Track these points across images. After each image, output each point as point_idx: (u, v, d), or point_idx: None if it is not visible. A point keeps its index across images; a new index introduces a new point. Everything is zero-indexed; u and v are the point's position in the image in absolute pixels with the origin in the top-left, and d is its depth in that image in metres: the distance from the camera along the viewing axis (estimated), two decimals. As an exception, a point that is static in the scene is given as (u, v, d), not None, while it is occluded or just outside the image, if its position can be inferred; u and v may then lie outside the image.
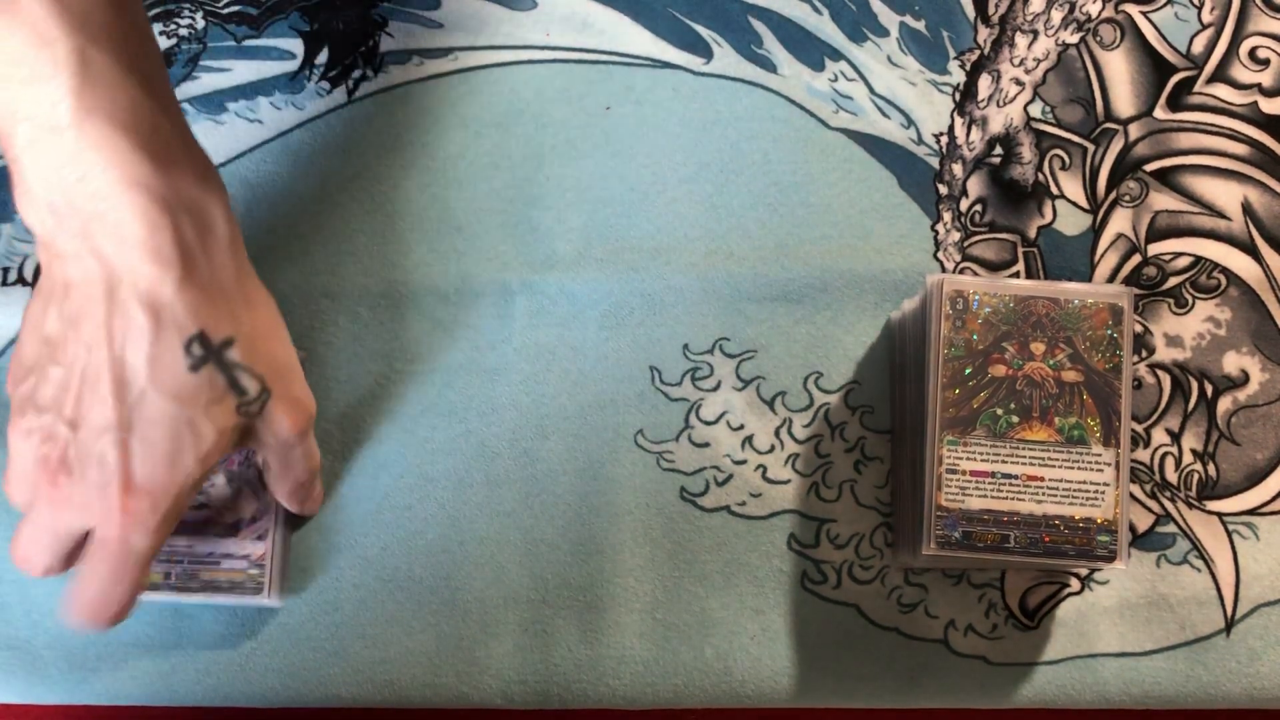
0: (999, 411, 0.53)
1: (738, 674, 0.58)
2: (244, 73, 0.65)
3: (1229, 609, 0.59)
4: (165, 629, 0.58)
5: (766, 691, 0.58)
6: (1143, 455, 0.60)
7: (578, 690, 0.58)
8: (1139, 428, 0.61)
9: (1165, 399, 0.61)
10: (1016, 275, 0.62)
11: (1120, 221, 0.63)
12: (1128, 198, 0.63)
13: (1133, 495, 0.60)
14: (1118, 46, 0.65)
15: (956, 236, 0.62)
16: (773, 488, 0.60)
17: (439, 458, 0.60)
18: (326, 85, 0.65)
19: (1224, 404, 0.61)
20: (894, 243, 0.62)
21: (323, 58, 0.65)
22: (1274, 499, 0.60)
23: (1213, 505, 0.60)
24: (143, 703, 0.58)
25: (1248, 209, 0.63)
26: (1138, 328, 0.61)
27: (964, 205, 0.63)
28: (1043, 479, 0.52)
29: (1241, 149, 0.63)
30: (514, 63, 0.64)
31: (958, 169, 0.63)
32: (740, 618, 0.59)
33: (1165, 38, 0.65)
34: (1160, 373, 0.61)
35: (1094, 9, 0.65)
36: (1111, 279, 0.62)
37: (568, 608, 0.58)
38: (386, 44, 0.65)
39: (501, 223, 0.63)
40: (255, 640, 0.58)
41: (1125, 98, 0.64)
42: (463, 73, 0.65)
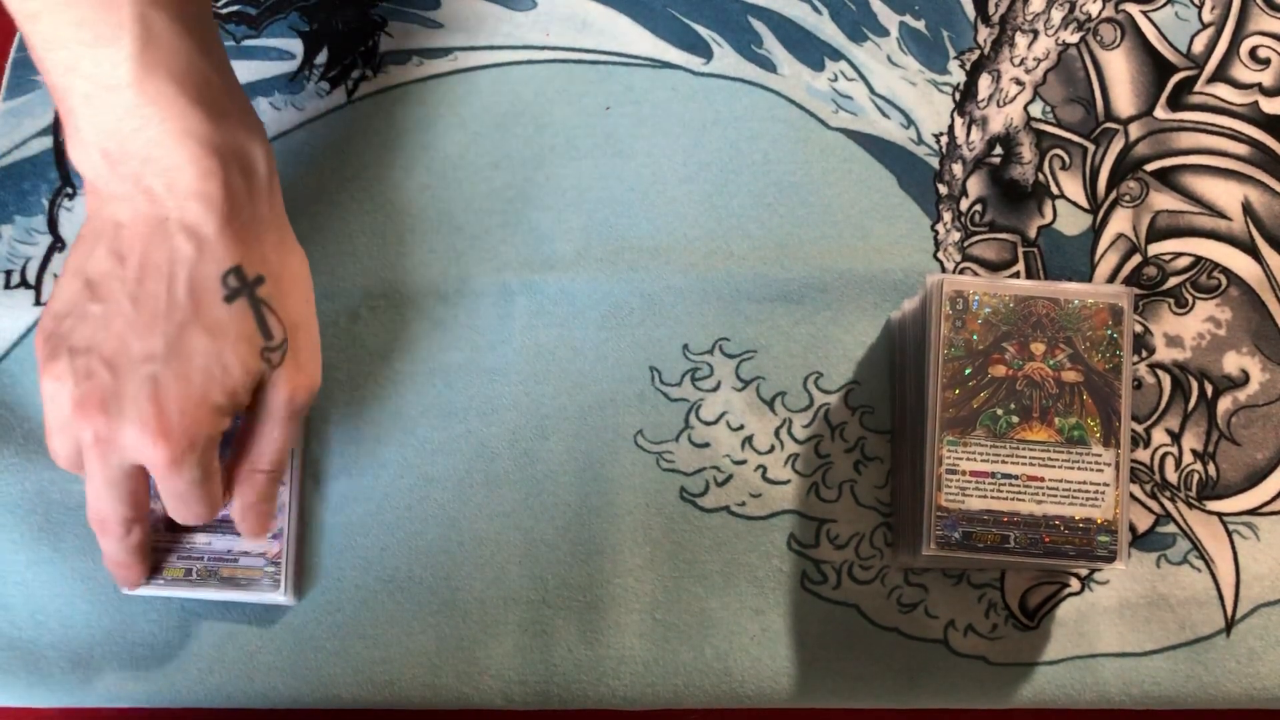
0: (999, 412, 0.53)
1: (738, 674, 0.58)
2: (243, 73, 0.64)
3: (1229, 609, 0.59)
4: (167, 630, 0.58)
5: (766, 692, 0.58)
6: (1143, 455, 0.60)
7: (578, 690, 0.58)
8: (1139, 428, 0.61)
9: (1165, 399, 0.61)
10: (1017, 275, 0.62)
11: (1120, 221, 0.63)
12: (1128, 198, 0.63)
13: (1133, 495, 0.60)
14: (1118, 46, 0.65)
15: (956, 236, 0.62)
16: (773, 488, 0.60)
17: (439, 458, 0.60)
18: (326, 85, 0.65)
19: (1224, 404, 0.61)
20: (894, 243, 0.62)
21: (322, 58, 0.65)
22: (1274, 499, 0.60)
23: (1213, 505, 0.60)
24: (145, 704, 0.58)
25: (1248, 209, 0.62)
26: (1138, 328, 0.61)
27: (964, 205, 0.63)
28: (1043, 479, 0.52)
29: (1242, 149, 0.63)
30: (514, 63, 0.64)
31: (958, 169, 0.63)
32: (740, 618, 0.59)
33: (1165, 37, 0.65)
34: (1160, 373, 0.61)
35: (1094, 8, 0.65)
36: (1112, 279, 0.62)
37: (568, 608, 0.59)
38: (386, 44, 0.65)
39: (501, 223, 0.63)
40: (257, 641, 0.58)
41: (1125, 97, 0.64)
42: (462, 73, 0.65)
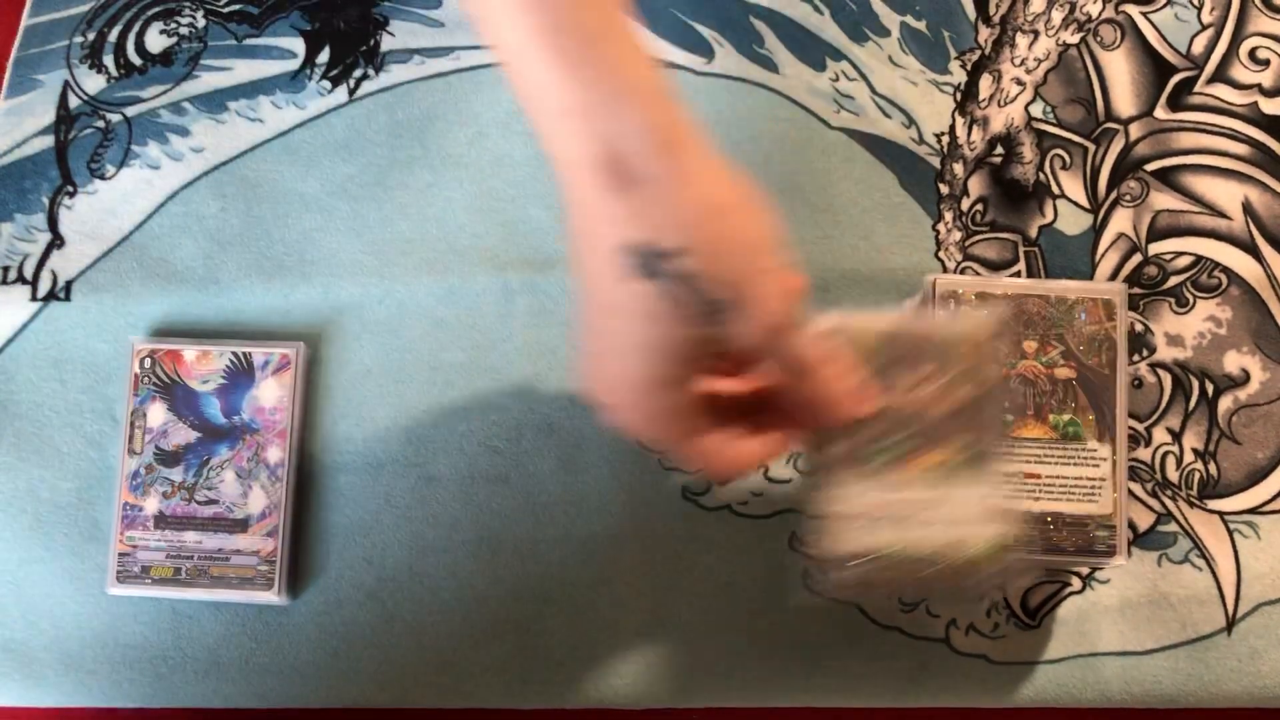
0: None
1: (739, 673, 0.58)
2: (245, 72, 0.64)
3: (1230, 608, 0.59)
4: (163, 630, 0.58)
5: (768, 690, 0.58)
6: (1144, 454, 0.60)
7: (579, 689, 0.58)
8: (1140, 427, 0.61)
9: (1166, 398, 0.61)
10: (1018, 274, 0.62)
11: (1121, 221, 0.63)
12: (1128, 197, 0.63)
13: (1134, 494, 0.60)
14: (1118, 47, 0.65)
15: (958, 236, 0.62)
16: (774, 487, 0.60)
17: (439, 457, 0.60)
18: (328, 84, 0.64)
19: (1225, 403, 0.61)
20: (895, 242, 0.62)
21: (324, 57, 0.65)
22: (1275, 498, 0.60)
23: (1214, 504, 0.60)
24: (141, 705, 0.58)
25: (1248, 208, 0.63)
26: (1138, 327, 0.61)
27: (965, 205, 0.63)
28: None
29: (1242, 149, 0.63)
30: (515, 62, 0.64)
31: (959, 168, 0.63)
32: (742, 617, 0.58)
33: (1165, 38, 0.65)
34: (1161, 372, 0.61)
35: (1094, 9, 0.65)
36: (1112, 278, 0.62)
37: (569, 607, 0.58)
38: (388, 43, 0.65)
39: (502, 222, 0.62)
40: (254, 641, 0.58)
41: (1126, 98, 0.64)
42: (464, 72, 0.65)
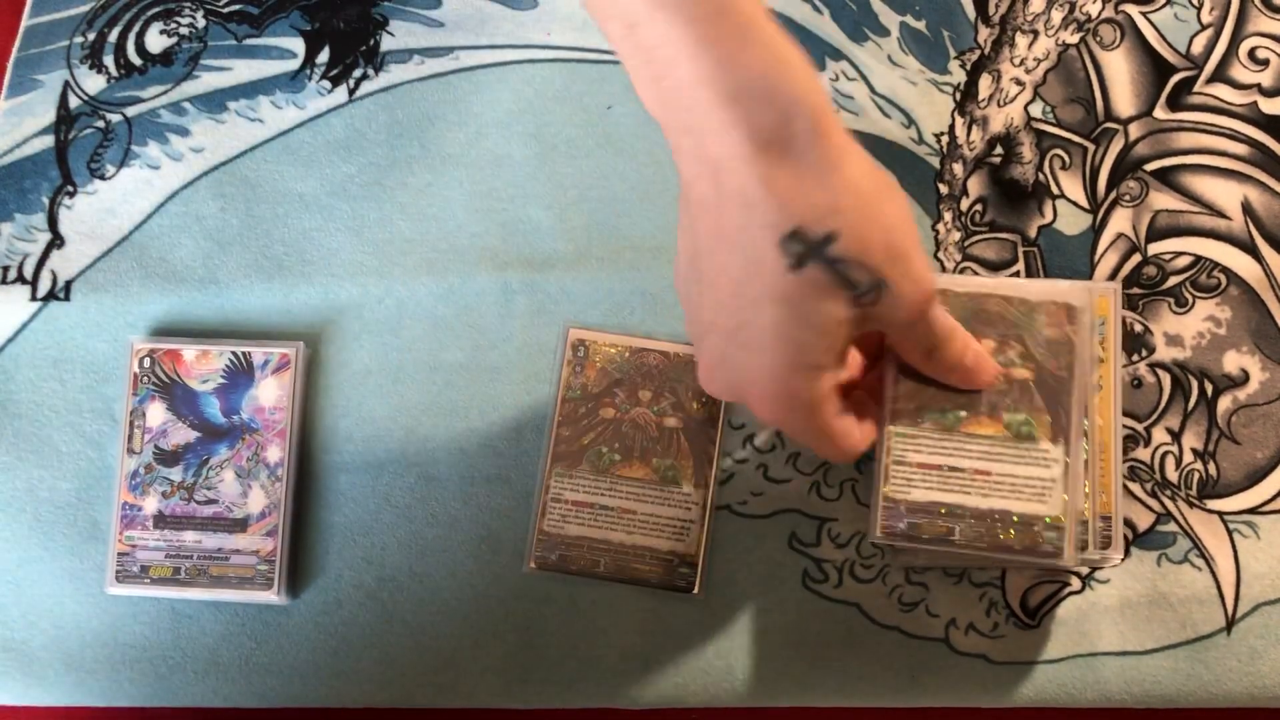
0: (604, 450, 0.56)
1: (739, 673, 0.58)
2: (245, 71, 0.64)
3: (1230, 608, 0.59)
4: (164, 630, 0.58)
5: (768, 690, 0.58)
6: (1143, 454, 0.60)
7: (579, 689, 0.58)
8: (1139, 427, 0.61)
9: (1165, 398, 0.61)
10: (1017, 274, 0.62)
11: (1120, 221, 0.63)
12: (1128, 197, 0.63)
13: (1134, 494, 0.60)
14: (1118, 46, 0.65)
15: (957, 236, 0.62)
16: (774, 486, 0.60)
17: (440, 457, 0.60)
18: (327, 84, 0.65)
19: (1224, 403, 0.61)
20: (895, 242, 0.62)
21: (324, 57, 0.65)
22: (1274, 498, 0.60)
23: (1213, 504, 0.60)
24: (142, 704, 0.58)
25: (1247, 208, 0.63)
26: (1138, 327, 0.61)
27: (964, 205, 0.63)
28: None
29: (1241, 149, 0.63)
30: (515, 62, 0.64)
31: (958, 168, 0.63)
32: (741, 616, 0.58)
33: (1165, 38, 0.65)
34: (1160, 372, 0.61)
35: (1094, 9, 0.65)
36: (1111, 278, 0.62)
37: (569, 606, 0.58)
38: (387, 43, 0.65)
39: (502, 221, 0.62)
40: (255, 640, 0.58)
41: (1125, 98, 0.64)
42: (464, 72, 0.65)
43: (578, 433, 0.59)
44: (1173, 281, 0.62)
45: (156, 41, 0.65)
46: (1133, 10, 0.65)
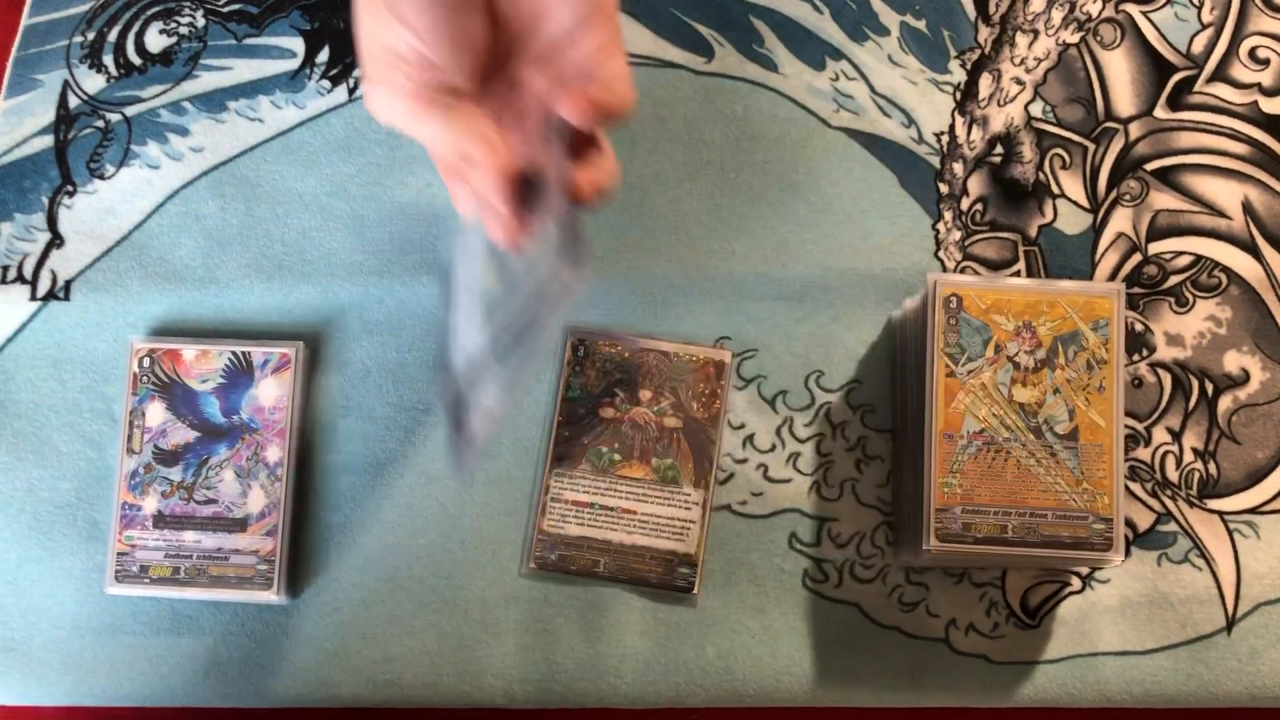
0: (604, 450, 0.58)
1: (739, 673, 0.58)
2: (244, 71, 0.64)
3: (1230, 607, 0.59)
4: (164, 630, 0.58)
5: (768, 690, 0.58)
6: (1144, 454, 0.60)
7: (579, 689, 0.58)
8: (1140, 426, 0.61)
9: (1166, 398, 0.61)
10: (1017, 274, 0.62)
11: (1121, 220, 0.63)
12: (1128, 197, 0.63)
13: (1134, 494, 0.60)
14: (1118, 46, 0.65)
15: (957, 235, 0.62)
16: (774, 486, 0.60)
17: (440, 456, 0.60)
18: (327, 84, 0.64)
19: (1224, 402, 0.61)
20: (895, 241, 0.62)
21: (323, 56, 0.65)
22: (1275, 498, 0.60)
23: (1213, 504, 0.60)
24: (142, 703, 0.58)
25: (1248, 208, 0.63)
26: (1138, 326, 0.61)
27: (965, 204, 0.63)
28: (635, 512, 0.58)
29: (1242, 148, 0.63)
30: (515, 61, 0.64)
31: (958, 168, 0.63)
32: (742, 617, 0.58)
33: (1165, 37, 0.65)
34: (1161, 371, 0.61)
35: (1094, 9, 0.65)
36: (1112, 277, 0.62)
37: (569, 606, 0.58)
38: (387, 43, 0.65)
39: (502, 221, 0.62)
40: (255, 640, 0.58)
41: (1126, 97, 0.64)
42: (464, 71, 0.64)
43: (578, 433, 0.59)
44: (1173, 281, 0.62)
45: (156, 41, 0.65)
46: (1133, 10, 0.65)
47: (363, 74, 0.45)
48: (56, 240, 0.62)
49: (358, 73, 0.64)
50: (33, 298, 0.62)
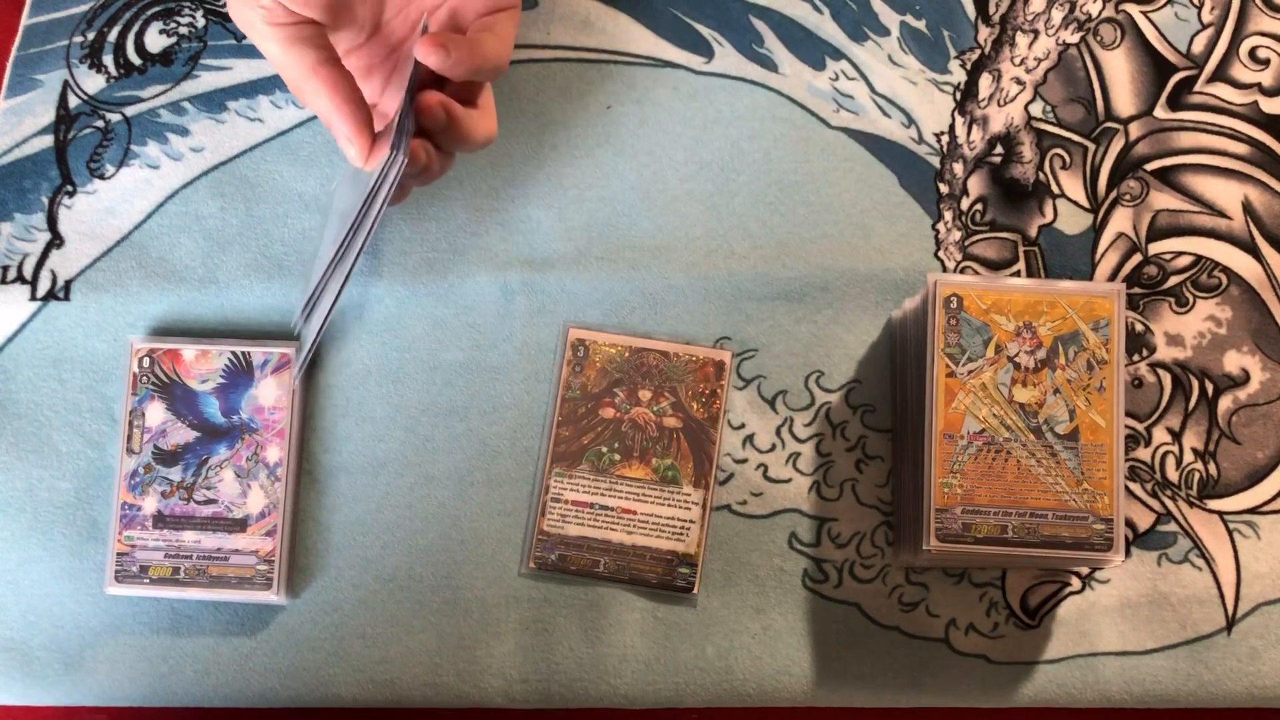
0: (603, 450, 0.58)
1: (739, 673, 0.58)
2: (244, 71, 0.64)
3: (1230, 607, 0.59)
4: (162, 630, 0.58)
5: (768, 690, 0.58)
6: (1144, 454, 0.60)
7: (579, 689, 0.58)
8: (1140, 426, 0.61)
9: (1166, 398, 0.61)
10: (1017, 274, 0.62)
11: (1121, 220, 0.63)
12: (1128, 197, 0.63)
13: (1134, 494, 0.60)
14: (1118, 46, 0.65)
15: (957, 235, 0.62)
16: (774, 486, 0.60)
17: (440, 456, 0.60)
18: (327, 84, 0.64)
19: (1225, 403, 0.61)
20: (895, 242, 0.62)
21: (323, 56, 0.65)
22: (1275, 498, 0.60)
23: (1214, 504, 0.60)
24: (141, 703, 0.58)
25: (1248, 208, 0.63)
26: (1138, 326, 0.61)
27: (965, 204, 0.63)
28: (635, 512, 0.58)
29: (1242, 148, 0.63)
30: (515, 61, 0.64)
31: (958, 168, 0.63)
32: (741, 617, 0.58)
33: (1165, 37, 0.65)
34: (1161, 371, 0.61)
35: (1094, 9, 0.65)
36: (1112, 278, 0.62)
37: (569, 606, 0.58)
38: (387, 42, 0.65)
39: (502, 221, 0.62)
40: (254, 640, 0.58)
41: (1126, 97, 0.64)
42: (463, 71, 0.64)
43: (577, 432, 0.59)
44: (1173, 281, 0.62)
45: (156, 41, 0.65)
46: (1133, 9, 0.65)
47: None
48: (56, 240, 0.62)
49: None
50: (33, 298, 0.62)
